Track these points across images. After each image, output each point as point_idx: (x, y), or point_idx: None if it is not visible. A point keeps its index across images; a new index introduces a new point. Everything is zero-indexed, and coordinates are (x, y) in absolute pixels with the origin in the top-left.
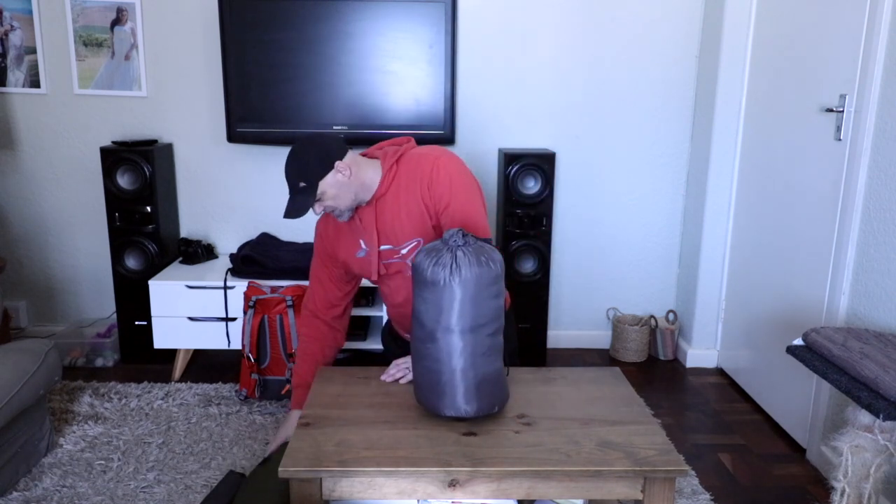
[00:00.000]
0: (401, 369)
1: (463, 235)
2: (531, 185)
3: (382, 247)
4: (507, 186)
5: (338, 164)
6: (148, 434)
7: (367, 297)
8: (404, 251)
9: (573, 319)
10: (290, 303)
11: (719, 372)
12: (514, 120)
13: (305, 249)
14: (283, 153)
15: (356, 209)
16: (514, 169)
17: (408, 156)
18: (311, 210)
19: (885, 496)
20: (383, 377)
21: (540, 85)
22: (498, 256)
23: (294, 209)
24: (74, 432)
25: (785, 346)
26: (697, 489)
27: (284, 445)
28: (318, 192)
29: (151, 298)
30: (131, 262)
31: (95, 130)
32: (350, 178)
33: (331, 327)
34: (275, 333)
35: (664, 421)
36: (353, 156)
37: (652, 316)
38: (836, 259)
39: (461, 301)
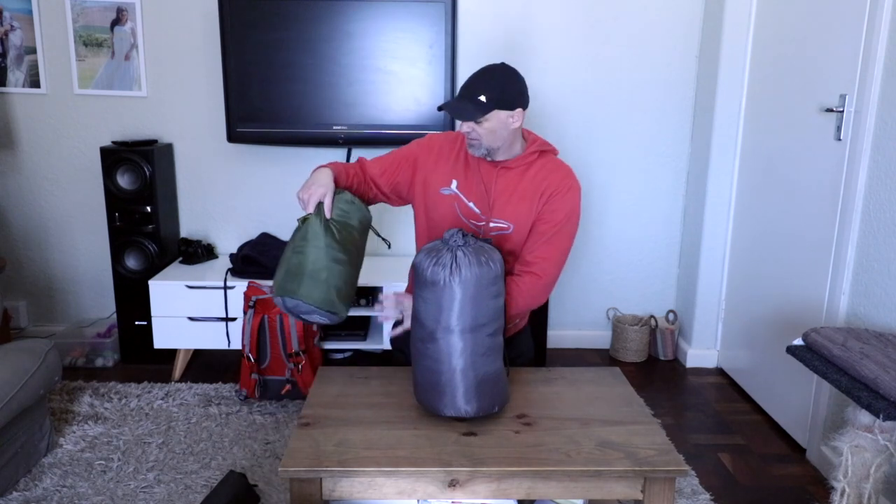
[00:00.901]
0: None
1: (463, 235)
2: None
3: (470, 203)
4: None
5: (519, 110)
6: (148, 434)
7: (367, 297)
8: (492, 225)
9: (573, 319)
10: None
11: (719, 372)
12: None
13: None
14: (283, 153)
15: (481, 159)
16: None
17: (551, 157)
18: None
19: (885, 496)
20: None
21: (540, 85)
22: (498, 256)
23: (456, 108)
24: (74, 432)
25: (785, 346)
26: (697, 489)
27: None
28: (486, 116)
29: (151, 298)
30: (131, 262)
31: (95, 130)
32: (513, 130)
33: None
34: (275, 333)
35: (664, 421)
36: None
37: (652, 316)
38: (836, 259)
39: (461, 301)
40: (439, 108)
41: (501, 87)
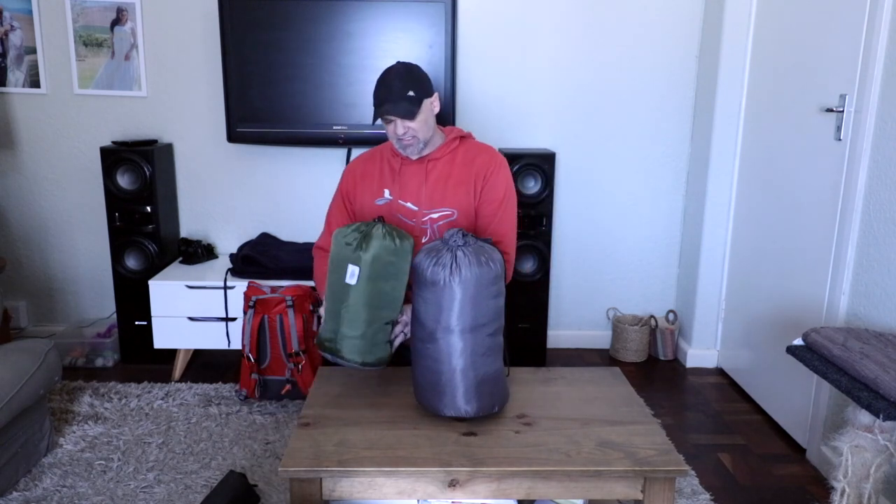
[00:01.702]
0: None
1: (463, 235)
2: (531, 185)
3: (407, 203)
4: None
5: (436, 94)
6: (148, 434)
7: None
8: (434, 215)
9: (573, 319)
10: (290, 303)
11: (719, 372)
12: (514, 120)
13: (305, 249)
14: (283, 153)
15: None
16: (515, 169)
17: (472, 141)
18: (399, 124)
19: (885, 496)
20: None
21: (540, 85)
22: (498, 256)
23: (395, 109)
24: (74, 432)
25: (785, 346)
26: (697, 489)
27: None
28: (420, 108)
29: (151, 298)
30: (131, 262)
31: (95, 130)
32: (433, 116)
33: None
34: (275, 333)
35: (664, 421)
36: None
37: (652, 316)
38: (836, 259)
39: (461, 301)
40: (375, 119)
41: (416, 79)
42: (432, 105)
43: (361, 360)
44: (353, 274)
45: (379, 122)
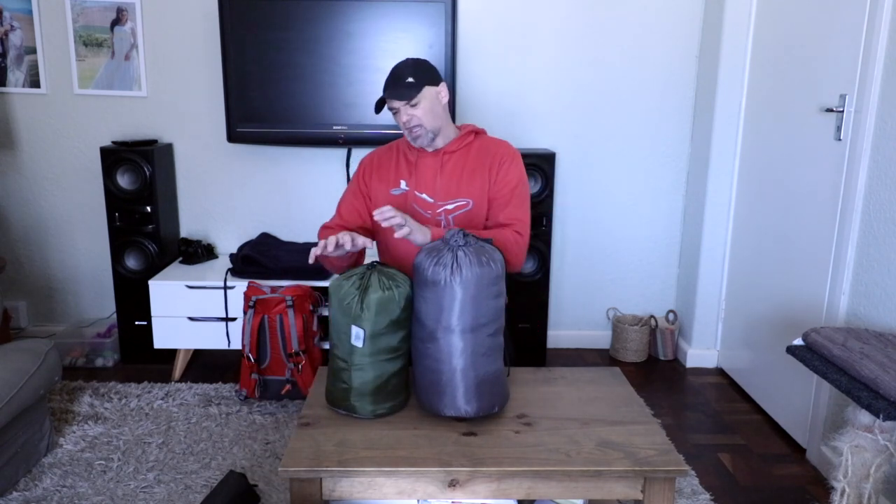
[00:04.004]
0: (392, 215)
1: (464, 235)
2: (531, 185)
3: (423, 195)
4: None
5: (443, 84)
6: (148, 434)
7: None
8: (450, 206)
9: (573, 319)
10: (290, 303)
11: (719, 372)
12: (513, 120)
13: (305, 249)
14: (283, 153)
15: (415, 151)
16: None
17: (487, 136)
18: (402, 111)
19: (885, 496)
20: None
21: (540, 85)
22: (499, 256)
23: (392, 93)
24: (74, 432)
25: (785, 346)
26: (697, 489)
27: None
28: (419, 95)
29: (151, 298)
30: (131, 262)
31: (95, 130)
32: (443, 107)
33: None
34: (275, 333)
35: (664, 421)
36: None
37: (652, 316)
38: (836, 259)
39: (462, 301)
40: (377, 108)
41: (421, 67)
42: (438, 94)
43: (374, 414)
44: (357, 336)
45: (390, 119)
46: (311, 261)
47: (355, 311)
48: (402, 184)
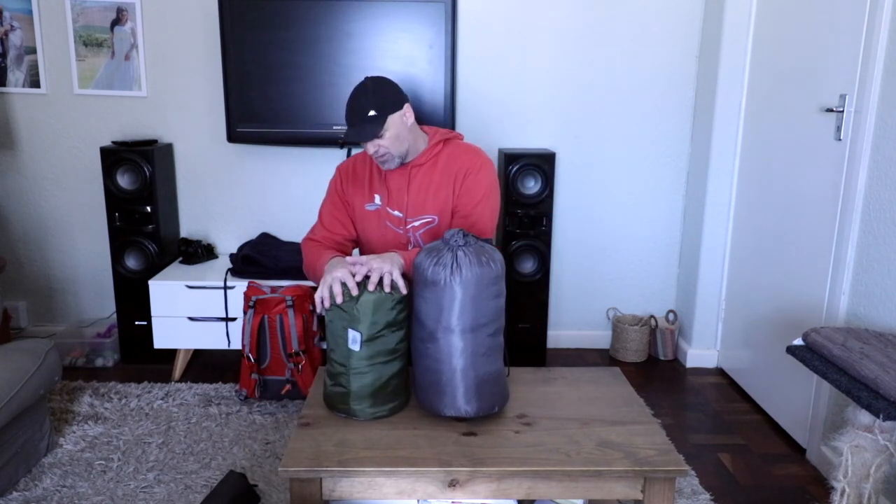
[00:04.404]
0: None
1: (464, 235)
2: (531, 185)
3: (394, 211)
4: (508, 186)
5: (407, 105)
6: (148, 434)
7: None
8: (416, 223)
9: (573, 319)
10: (290, 303)
11: (719, 372)
12: (514, 120)
13: None
14: (283, 153)
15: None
16: (515, 169)
17: (456, 143)
18: (369, 143)
19: (885, 496)
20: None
21: (540, 85)
22: (498, 256)
23: (357, 134)
24: (74, 432)
25: (785, 346)
26: (697, 489)
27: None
28: (385, 126)
29: (151, 298)
30: (131, 262)
31: (95, 130)
32: (409, 128)
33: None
34: (275, 333)
35: (664, 421)
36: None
37: (652, 316)
38: (836, 259)
39: (461, 301)
40: (340, 144)
41: (381, 94)
42: (403, 118)
43: (374, 417)
44: (354, 340)
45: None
46: (319, 311)
47: (351, 314)
48: (377, 198)
